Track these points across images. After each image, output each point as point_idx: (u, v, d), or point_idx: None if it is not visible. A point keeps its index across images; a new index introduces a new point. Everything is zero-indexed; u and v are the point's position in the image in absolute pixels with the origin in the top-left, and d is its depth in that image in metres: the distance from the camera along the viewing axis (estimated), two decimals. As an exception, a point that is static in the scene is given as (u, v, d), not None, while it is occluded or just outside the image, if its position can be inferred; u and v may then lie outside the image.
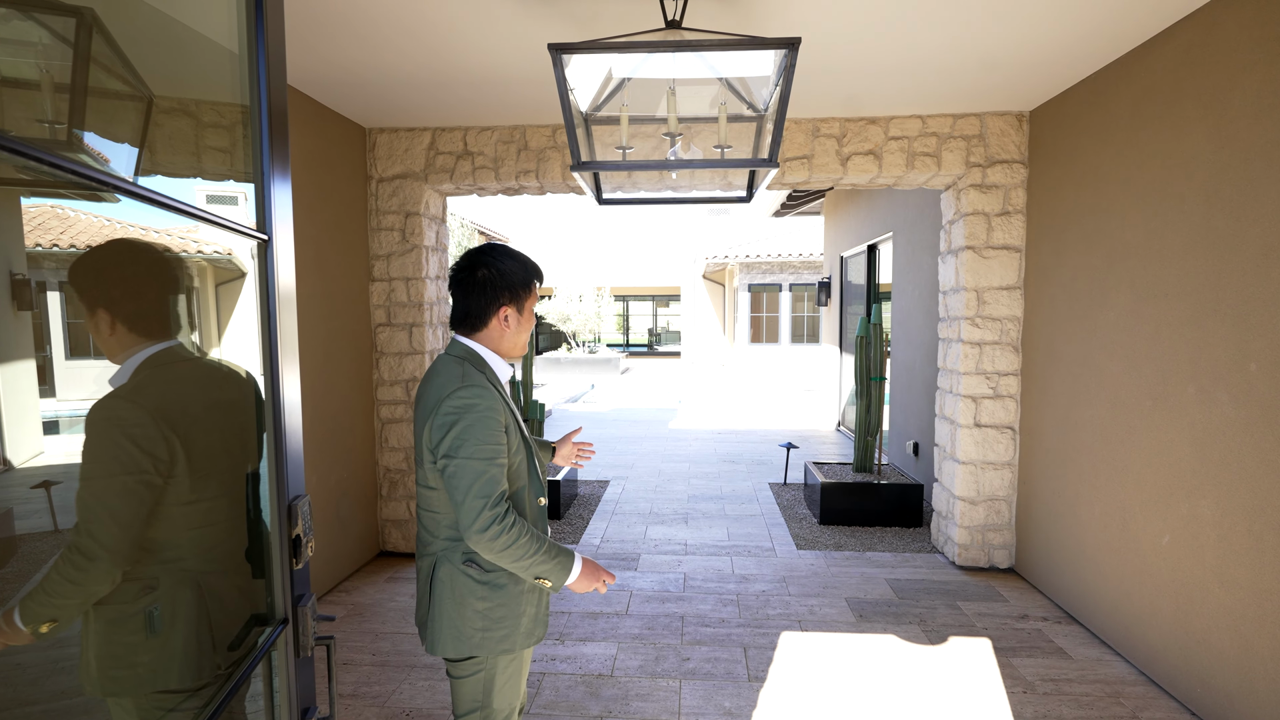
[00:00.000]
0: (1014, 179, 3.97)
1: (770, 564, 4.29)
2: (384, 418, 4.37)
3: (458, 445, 1.48)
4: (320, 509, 3.75)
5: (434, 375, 1.59)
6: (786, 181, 4.23)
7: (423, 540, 1.64)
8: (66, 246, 0.84)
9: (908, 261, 6.22)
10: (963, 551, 4.14)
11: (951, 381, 4.22)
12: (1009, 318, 4.02)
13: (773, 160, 1.88)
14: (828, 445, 8.28)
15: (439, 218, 4.55)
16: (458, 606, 1.57)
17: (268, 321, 1.21)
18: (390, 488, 4.40)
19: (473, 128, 4.22)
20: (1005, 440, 4.07)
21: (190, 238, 1.29)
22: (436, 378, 1.57)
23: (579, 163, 1.93)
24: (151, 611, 0.91)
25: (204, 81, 1.25)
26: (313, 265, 3.67)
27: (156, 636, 0.91)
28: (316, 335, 3.71)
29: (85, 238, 0.84)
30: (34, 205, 0.86)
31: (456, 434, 1.48)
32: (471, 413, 1.49)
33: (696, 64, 1.96)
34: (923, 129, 4.01)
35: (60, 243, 0.83)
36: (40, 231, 0.85)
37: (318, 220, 3.73)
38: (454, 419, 1.49)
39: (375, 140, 4.26)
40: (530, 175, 4.20)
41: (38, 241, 0.84)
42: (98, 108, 0.90)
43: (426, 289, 4.34)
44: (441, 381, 1.55)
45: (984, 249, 4.01)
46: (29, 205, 0.84)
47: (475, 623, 1.57)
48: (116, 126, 0.96)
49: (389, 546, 4.44)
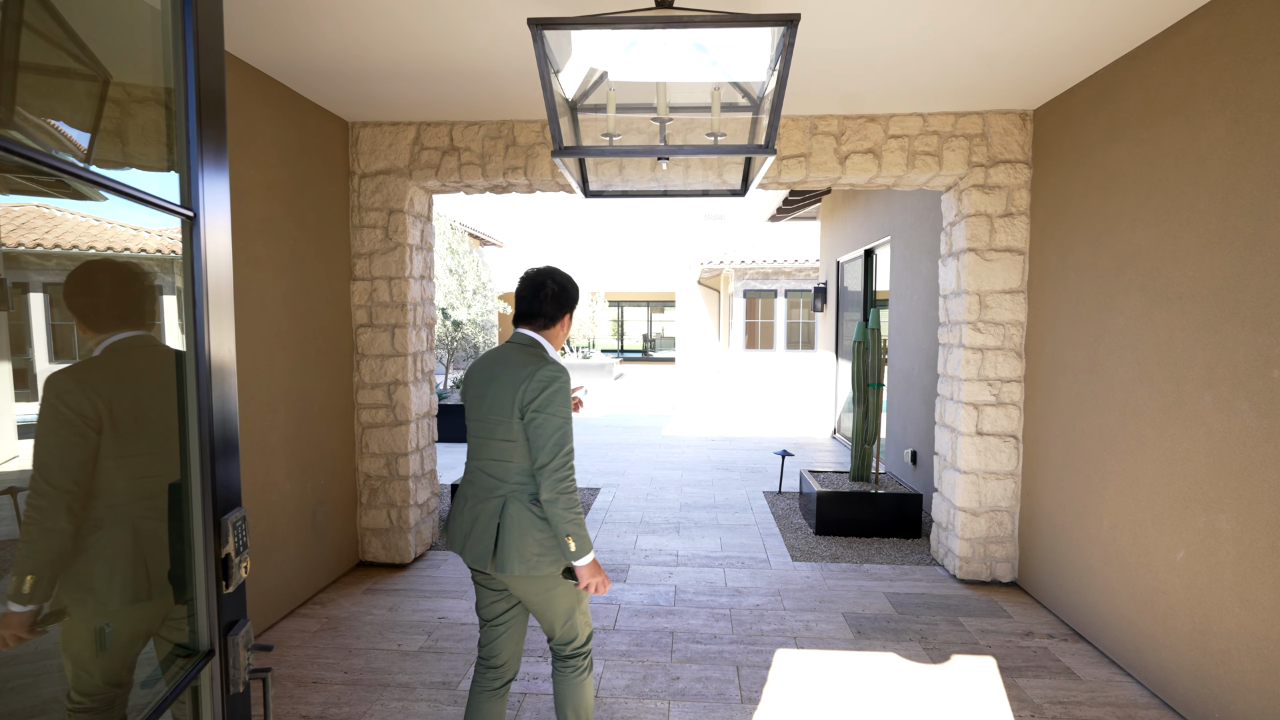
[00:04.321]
0: (1017, 180, 3.85)
1: (764, 576, 4.13)
2: (365, 422, 4.21)
3: (546, 404, 1.89)
4: (295, 517, 3.58)
5: (507, 355, 2.01)
6: (783, 180, 4.10)
7: (489, 486, 1.99)
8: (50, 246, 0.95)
9: (906, 266, 6.10)
10: (964, 564, 4.00)
11: (952, 388, 4.09)
12: (1012, 322, 3.89)
13: (769, 146, 1.74)
14: (823, 453, 8.14)
15: (424, 215, 4.40)
16: (522, 535, 1.93)
17: (193, 311, 1.06)
18: (370, 495, 4.23)
19: (459, 122, 4.08)
20: (1008, 449, 3.93)
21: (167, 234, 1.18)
22: (514, 355, 2.00)
23: (561, 148, 1.79)
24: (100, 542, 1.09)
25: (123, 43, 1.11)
26: (289, 263, 3.51)
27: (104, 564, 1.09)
28: (292, 336, 3.55)
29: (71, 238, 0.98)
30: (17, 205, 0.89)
31: (546, 395, 1.89)
32: (557, 381, 1.91)
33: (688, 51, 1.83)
34: (924, 127, 3.89)
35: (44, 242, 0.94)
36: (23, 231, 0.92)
37: (295, 216, 3.58)
38: (545, 384, 1.89)
39: (358, 134, 4.12)
40: (519, 172, 4.06)
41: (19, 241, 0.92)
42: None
43: (410, 289, 4.18)
44: (522, 359, 1.97)
45: (986, 251, 3.89)
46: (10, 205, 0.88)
47: (534, 548, 1.94)
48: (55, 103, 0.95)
49: (368, 556, 4.26)
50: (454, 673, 2.98)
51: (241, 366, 3.15)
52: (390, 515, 4.22)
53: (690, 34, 1.69)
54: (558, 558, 1.95)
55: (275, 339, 3.40)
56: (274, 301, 3.39)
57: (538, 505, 1.95)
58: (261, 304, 3.29)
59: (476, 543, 1.97)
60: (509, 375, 1.95)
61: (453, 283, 9.54)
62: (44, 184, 0.91)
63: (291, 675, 2.96)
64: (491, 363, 2.04)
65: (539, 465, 1.90)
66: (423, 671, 3.00)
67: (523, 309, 2.06)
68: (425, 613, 3.58)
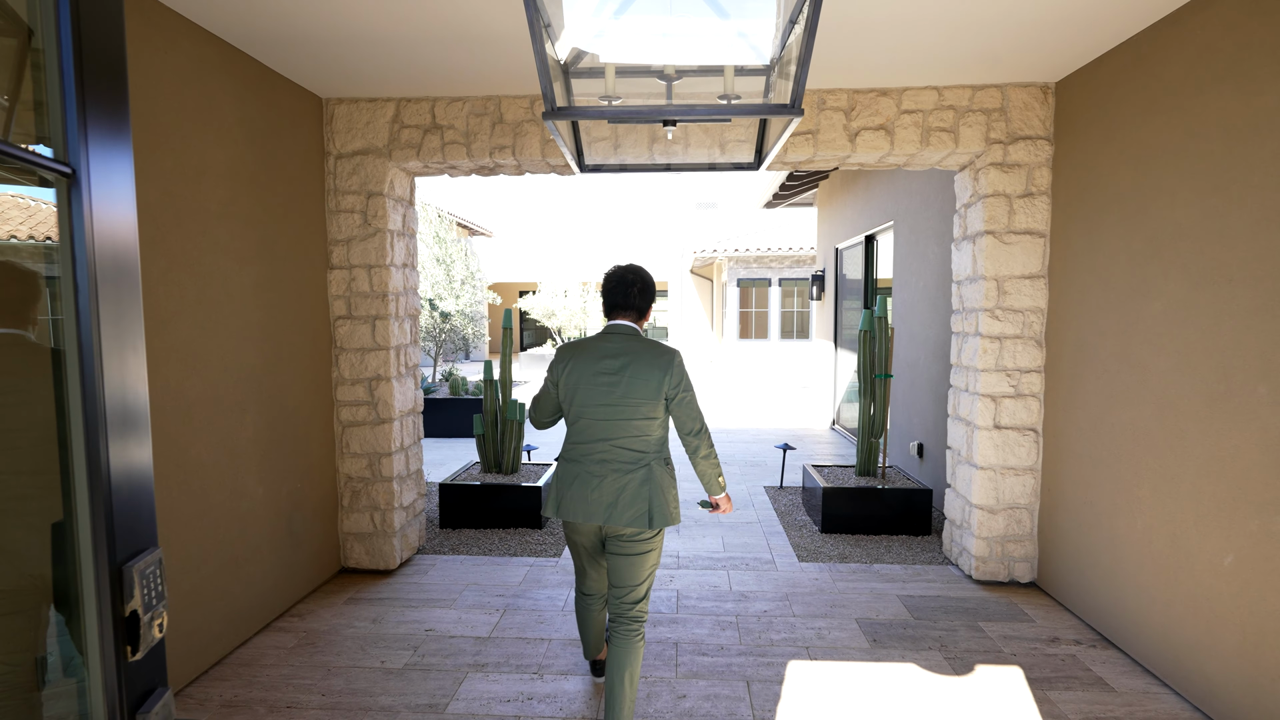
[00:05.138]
0: (1038, 157, 3.62)
1: (771, 579, 3.92)
2: (345, 420, 3.95)
3: (687, 382, 2.32)
4: (269, 524, 3.32)
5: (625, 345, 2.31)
6: (788, 160, 3.85)
7: (631, 459, 2.30)
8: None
9: (910, 251, 5.88)
10: (980, 564, 3.80)
11: (968, 379, 3.87)
12: (1031, 309, 3.67)
13: (795, 106, 1.50)
14: (823, 445, 7.94)
15: (405, 199, 4.13)
16: (663, 494, 2.31)
17: (75, 297, 0.81)
18: (352, 498, 3.98)
19: (441, 98, 3.80)
20: (1027, 443, 3.72)
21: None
22: (633, 345, 2.32)
23: (554, 108, 1.54)
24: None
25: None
26: (258, 250, 3.24)
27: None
28: (263, 329, 3.28)
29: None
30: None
31: (686, 376, 2.32)
32: (684, 364, 2.31)
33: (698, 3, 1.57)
34: (939, 101, 3.64)
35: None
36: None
37: (265, 199, 3.30)
38: (682, 369, 2.31)
39: (333, 112, 3.83)
40: (506, 151, 3.79)
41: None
42: None
43: (392, 277, 3.91)
44: (649, 348, 2.30)
45: (1005, 234, 3.66)
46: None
47: (672, 504, 2.33)
48: None
49: (351, 563, 4.02)
50: (441, 693, 2.75)
51: (207, 363, 2.88)
52: (373, 519, 3.97)
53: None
54: (677, 510, 2.36)
55: (244, 332, 3.13)
56: (242, 291, 3.12)
57: (668, 466, 2.38)
58: (227, 294, 3.02)
59: (627, 507, 2.27)
60: (649, 364, 2.27)
61: (440, 273, 9.24)
62: None
63: (264, 699, 2.72)
64: (613, 355, 2.30)
65: (693, 431, 2.33)
66: (407, 692, 2.76)
67: (616, 301, 2.38)
68: (411, 625, 3.34)
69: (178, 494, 2.71)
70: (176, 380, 2.71)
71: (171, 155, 2.68)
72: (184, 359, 2.75)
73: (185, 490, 2.75)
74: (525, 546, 4.44)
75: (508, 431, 5.10)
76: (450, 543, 4.51)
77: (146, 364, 2.47)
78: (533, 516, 4.80)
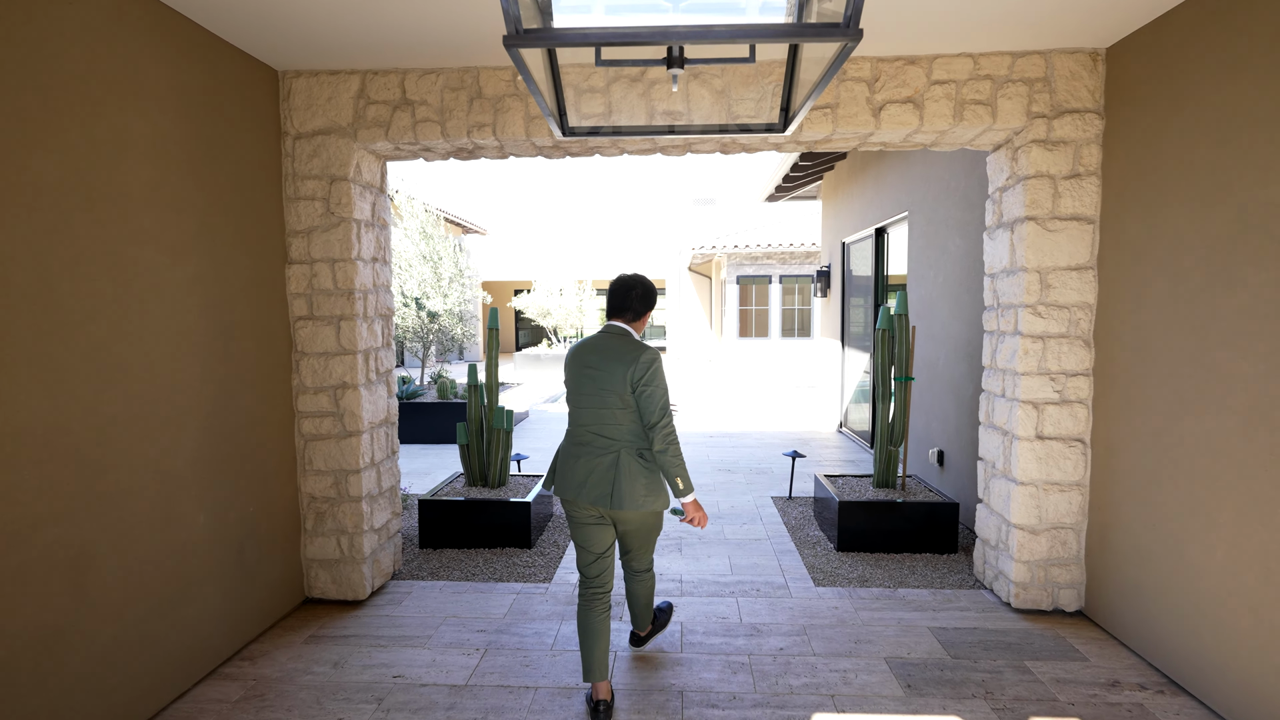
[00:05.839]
0: (1087, 133, 3.20)
1: (785, 608, 3.50)
2: (307, 434, 3.52)
3: (651, 379, 2.45)
4: (214, 556, 2.90)
5: (609, 343, 2.55)
6: (803, 139, 3.43)
7: (604, 445, 2.52)
8: None
9: (928, 244, 5.47)
10: (1021, 591, 3.39)
11: (1005, 383, 3.46)
12: (1078, 304, 3.26)
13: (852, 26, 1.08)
14: (830, 450, 7.53)
15: (374, 186, 3.69)
16: (633, 480, 2.49)
17: None
18: (316, 520, 3.55)
19: (413, 70, 3.37)
20: (1074, 456, 3.31)
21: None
22: (616, 343, 2.54)
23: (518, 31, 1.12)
24: None
25: None
26: (197, 241, 2.81)
27: None
28: (205, 332, 2.85)
29: None
30: None
31: (650, 373, 2.46)
32: (656, 361, 2.49)
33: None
34: (974, 71, 3.23)
35: None
36: None
37: (205, 183, 2.87)
38: (648, 365, 2.46)
39: (290, 86, 3.40)
40: (486, 130, 3.37)
41: None
42: None
43: (358, 273, 3.48)
44: (625, 345, 2.52)
45: (1049, 220, 3.25)
46: None
47: (642, 490, 2.51)
48: None
49: (315, 593, 3.59)
50: (406, 762, 2.33)
51: (130, 373, 2.45)
52: (340, 544, 3.55)
53: None
54: (660, 497, 2.57)
55: (179, 336, 2.70)
56: (176, 289, 2.69)
57: (642, 458, 2.53)
58: (156, 292, 2.59)
59: (594, 487, 2.51)
60: (617, 358, 2.49)
61: (427, 270, 8.79)
62: None
63: (195, 771, 2.30)
64: (596, 350, 2.57)
65: (650, 424, 2.46)
66: (366, 760, 2.34)
67: (616, 304, 2.61)
68: (378, 670, 2.92)
69: (89, 528, 2.28)
70: (88, 394, 2.28)
71: (78, 125, 2.25)
72: (98, 368, 2.32)
73: (98, 523, 2.32)
74: (512, 569, 4.02)
75: (494, 441, 4.68)
76: (430, 566, 4.09)
77: (45, 375, 2.03)
78: (521, 535, 4.37)
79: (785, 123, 1.68)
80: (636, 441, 2.52)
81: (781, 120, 1.69)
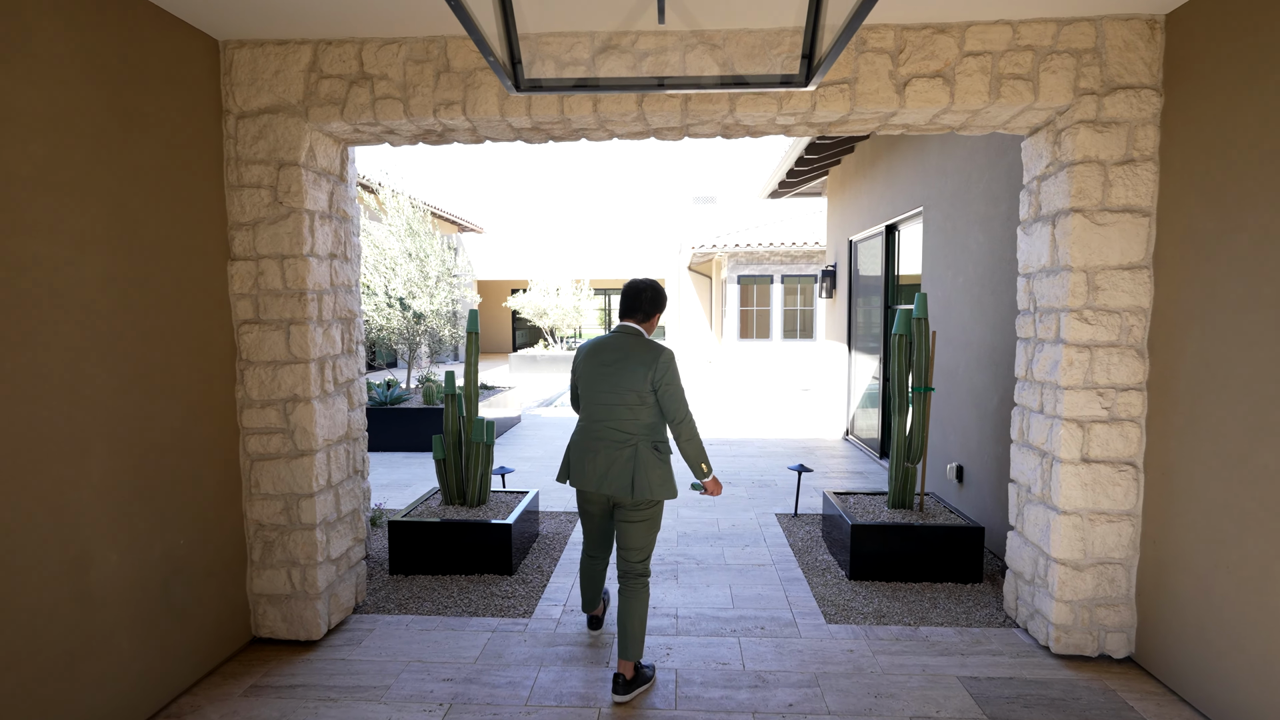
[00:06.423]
0: (1142, 112, 2.79)
1: (794, 651, 3.10)
2: (253, 453, 3.11)
3: (671, 378, 2.67)
4: (131, 599, 2.49)
5: (625, 342, 2.74)
6: (815, 120, 3.03)
7: (621, 439, 2.71)
8: None
9: (945, 241, 5.06)
10: (1062, 635, 2.98)
11: (1044, 398, 3.05)
12: (1131, 309, 2.86)
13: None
14: (836, 459, 7.12)
15: (332, 173, 3.28)
16: (649, 471, 2.69)
17: None
18: (264, 551, 3.14)
19: (371, 40, 2.96)
20: (1125, 481, 2.91)
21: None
22: (630, 341, 2.75)
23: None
24: None
25: None
26: (109, 232, 2.40)
27: None
28: (121, 338, 2.44)
29: None
30: None
31: (671, 371, 2.67)
32: (674, 359, 2.69)
33: None
34: (1013, 40, 2.82)
35: None
36: None
37: (121, 165, 2.46)
38: (668, 364, 2.67)
39: (233, 58, 2.99)
40: (455, 108, 2.96)
41: None
42: None
43: (311, 271, 3.08)
44: (641, 344, 2.72)
45: (1098, 212, 2.84)
46: None
47: (656, 480, 2.71)
48: None
49: (265, 632, 3.18)
50: None
51: (15, 386, 2.05)
52: (291, 577, 3.14)
53: None
54: (671, 487, 2.73)
55: (84, 343, 2.29)
56: (81, 288, 2.28)
57: (656, 450, 2.72)
58: (53, 291, 2.18)
59: (616, 479, 2.69)
60: (637, 358, 2.67)
61: (413, 269, 8.37)
62: None
63: None
64: (613, 348, 2.73)
65: (674, 420, 2.68)
66: None
67: (628, 306, 2.81)
68: (322, 731, 2.52)
69: (-47, 581, 1.87)
70: (-47, 416, 1.87)
71: (-64, 89, 1.84)
72: (-32, 385, 1.91)
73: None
74: (489, 601, 3.61)
75: (473, 456, 4.26)
76: (399, 596, 3.68)
77: None
78: (501, 561, 3.96)
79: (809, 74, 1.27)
80: (651, 435, 2.73)
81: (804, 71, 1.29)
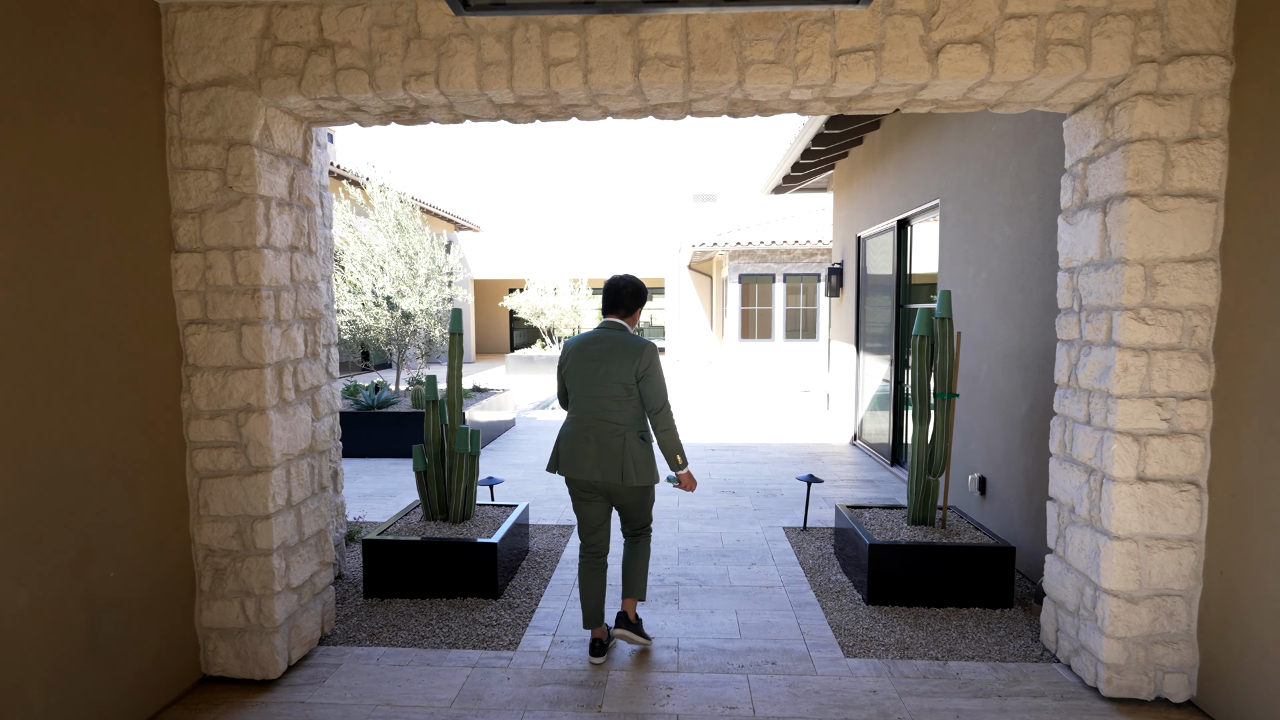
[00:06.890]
0: (1210, 83, 2.45)
1: (810, 691, 2.75)
2: (202, 470, 2.76)
3: (653, 370, 2.81)
4: (50, 641, 2.14)
5: (609, 334, 2.88)
6: (836, 94, 2.68)
7: (610, 429, 2.83)
8: None
9: (966, 235, 4.72)
10: (1114, 676, 2.64)
11: (1092, 407, 2.71)
12: (1195, 307, 2.51)
13: None
14: (845, 466, 6.78)
15: (294, 155, 2.94)
16: (636, 457, 2.83)
17: None
18: (215, 579, 2.80)
19: (332, 2, 2.62)
20: (1186, 503, 2.56)
21: None
22: (616, 334, 2.88)
23: None
24: None
25: None
26: (9, 219, 2.06)
27: None
28: (29, 341, 2.10)
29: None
30: None
31: (653, 364, 2.82)
32: (656, 354, 2.84)
33: None
34: (1062, 1, 2.47)
35: None
36: None
37: (29, 143, 2.11)
38: (650, 357, 2.81)
39: (175, 23, 2.64)
40: (427, 80, 2.61)
41: None
42: None
43: (266, 265, 2.73)
44: (626, 338, 2.86)
45: (1157, 197, 2.50)
46: None
47: (644, 466, 2.86)
48: None
49: (216, 670, 2.83)
50: None
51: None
52: (245, 608, 2.79)
53: None
54: (655, 471, 2.90)
55: (-18, 349, 1.95)
56: (-23, 284, 1.94)
57: (642, 439, 2.88)
58: (-62, 288, 1.84)
59: (609, 466, 2.83)
60: (623, 351, 2.82)
61: (402, 266, 8.02)
62: None
63: None
64: (600, 341, 2.88)
65: (653, 409, 2.83)
66: None
67: (610, 302, 2.98)
68: (268, 797, 2.17)
69: None
70: None
71: None
72: None
73: None
74: (471, 630, 3.27)
75: (456, 468, 3.92)
76: (371, 624, 3.34)
77: None
78: (486, 583, 3.62)
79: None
80: (636, 425, 2.87)
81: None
